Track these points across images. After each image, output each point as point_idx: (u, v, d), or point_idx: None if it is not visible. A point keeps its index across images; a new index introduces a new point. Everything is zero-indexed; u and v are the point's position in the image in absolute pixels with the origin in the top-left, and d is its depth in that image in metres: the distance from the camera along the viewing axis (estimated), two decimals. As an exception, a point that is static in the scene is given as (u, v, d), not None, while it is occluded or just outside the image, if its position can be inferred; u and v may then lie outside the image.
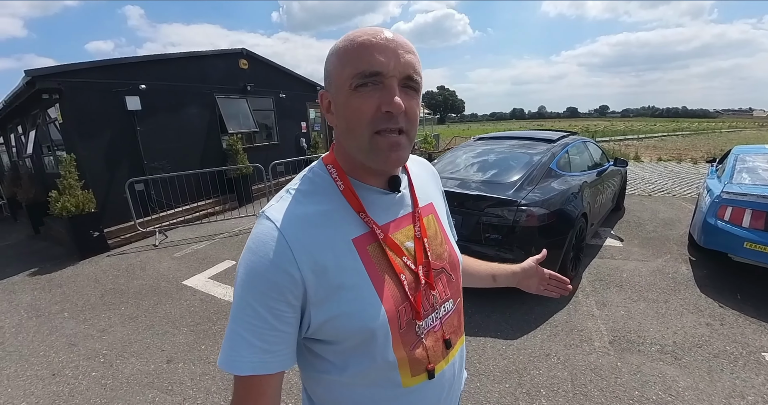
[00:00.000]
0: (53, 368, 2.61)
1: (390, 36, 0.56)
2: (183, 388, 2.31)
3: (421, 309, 0.64)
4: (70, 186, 4.86)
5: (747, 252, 3.07)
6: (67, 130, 5.54)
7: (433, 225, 0.74)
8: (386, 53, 0.55)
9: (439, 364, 0.67)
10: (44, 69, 5.18)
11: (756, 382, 2.13)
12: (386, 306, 0.60)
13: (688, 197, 6.57)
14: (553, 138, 3.97)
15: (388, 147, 0.57)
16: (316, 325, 0.58)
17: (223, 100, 7.82)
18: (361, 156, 0.60)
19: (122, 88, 5.90)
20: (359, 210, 0.63)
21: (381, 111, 0.55)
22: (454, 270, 0.75)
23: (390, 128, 0.56)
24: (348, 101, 0.56)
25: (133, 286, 3.94)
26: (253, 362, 0.55)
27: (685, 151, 14.62)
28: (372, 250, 0.61)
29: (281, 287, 0.54)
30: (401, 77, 0.56)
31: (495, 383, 2.21)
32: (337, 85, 0.58)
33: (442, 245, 0.74)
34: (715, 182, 3.80)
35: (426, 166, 0.84)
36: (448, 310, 0.71)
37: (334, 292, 0.57)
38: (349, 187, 0.63)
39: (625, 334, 2.64)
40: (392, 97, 0.54)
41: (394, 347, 0.61)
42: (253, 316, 0.55)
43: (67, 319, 3.31)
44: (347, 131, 0.59)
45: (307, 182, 0.65)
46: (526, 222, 2.83)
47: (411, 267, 0.65)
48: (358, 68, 0.54)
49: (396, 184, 0.67)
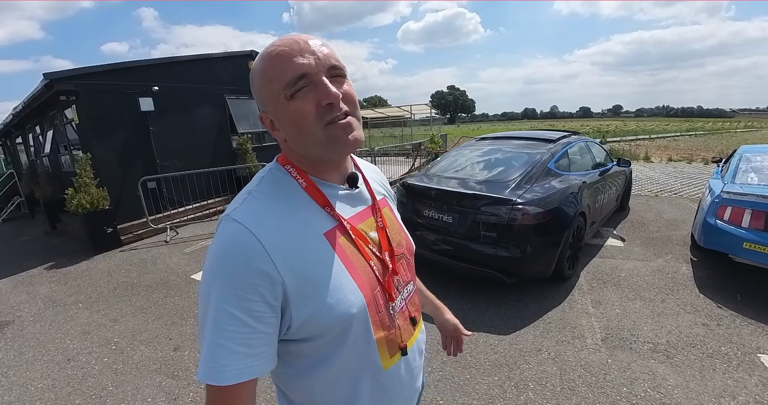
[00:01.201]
0: (68, 354, 2.77)
1: (299, 39, 0.59)
2: (188, 374, 2.44)
3: (393, 291, 0.70)
4: (86, 184, 5.05)
5: (747, 252, 3.06)
6: (83, 130, 5.75)
7: (390, 216, 0.81)
8: (304, 55, 0.57)
9: (409, 341, 0.74)
10: (62, 72, 5.39)
11: (749, 383, 2.13)
12: (363, 292, 0.64)
13: (695, 198, 6.48)
14: (554, 138, 4.00)
15: (343, 130, 0.60)
16: (298, 323, 0.58)
17: (233, 100, 7.99)
18: (320, 151, 0.62)
19: (136, 90, 6.11)
20: (325, 204, 0.65)
21: (322, 106, 0.58)
22: (411, 255, 0.82)
23: (337, 116, 0.59)
24: (289, 110, 0.58)
25: (144, 279, 4.10)
26: (237, 369, 0.54)
27: (696, 152, 14.35)
28: (343, 241, 0.65)
29: (260, 289, 0.54)
30: (326, 70, 0.59)
31: (484, 376, 2.27)
32: (272, 103, 0.60)
33: (399, 233, 0.80)
34: (718, 182, 3.77)
35: (374, 169, 0.90)
36: (410, 292, 0.78)
37: (314, 287, 0.58)
38: (312, 184, 0.66)
39: (619, 332, 2.66)
40: (327, 89, 0.58)
41: (374, 329, 0.65)
42: (233, 322, 0.54)
43: (82, 310, 3.48)
44: (299, 136, 0.61)
45: (267, 183, 0.66)
46: (522, 220, 2.88)
47: (377, 255, 0.70)
48: (285, 78, 0.57)
49: (354, 179, 0.72)
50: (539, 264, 3.10)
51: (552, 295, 3.21)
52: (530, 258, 2.97)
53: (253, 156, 7.70)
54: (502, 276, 3.00)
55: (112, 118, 5.85)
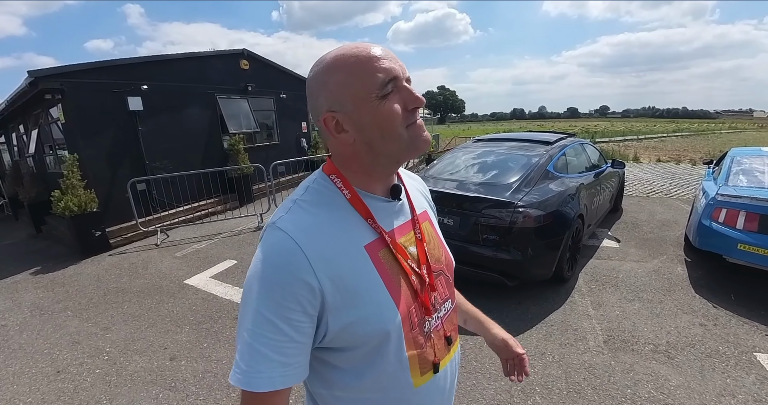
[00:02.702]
0: (57, 365, 2.66)
1: (382, 46, 0.62)
2: (186, 385, 2.36)
3: (430, 308, 0.69)
4: (73, 185, 4.91)
5: (741, 253, 3.11)
6: (69, 129, 5.59)
7: (429, 231, 0.78)
8: (391, 60, 0.60)
9: (443, 361, 0.72)
10: (47, 69, 5.23)
11: (747, 382, 2.17)
12: (400, 308, 0.63)
13: (685, 198, 6.61)
14: (550, 140, 4.01)
15: (421, 131, 0.63)
16: (334, 333, 0.59)
17: (224, 100, 7.87)
18: (401, 152, 0.63)
19: (124, 89, 5.95)
20: (367, 216, 0.65)
21: (407, 109, 0.61)
22: (450, 272, 0.80)
23: (416, 119, 0.63)
24: (379, 110, 0.59)
25: (136, 285, 3.99)
26: (272, 377, 0.54)
27: (684, 152, 14.66)
28: (383, 255, 0.64)
29: (300, 297, 0.55)
30: (405, 78, 0.62)
31: (491, 381, 2.26)
32: (357, 101, 0.59)
33: (439, 249, 0.78)
34: (711, 184, 3.84)
35: (417, 180, 0.88)
36: (448, 310, 0.76)
37: (351, 298, 0.59)
38: (356, 195, 0.65)
39: (620, 333, 2.68)
40: (415, 95, 0.61)
41: (406, 347, 0.64)
42: (271, 330, 0.54)
43: (71, 318, 3.36)
44: (382, 137, 0.61)
45: (312, 192, 0.66)
46: (523, 223, 2.87)
47: (416, 269, 0.69)
48: (380, 78, 0.58)
49: (397, 191, 0.71)
50: (540, 266, 3.10)
51: (552, 297, 3.21)
52: (531, 260, 2.97)
53: (245, 156, 7.59)
54: (503, 279, 2.99)
55: (99, 118, 5.69)
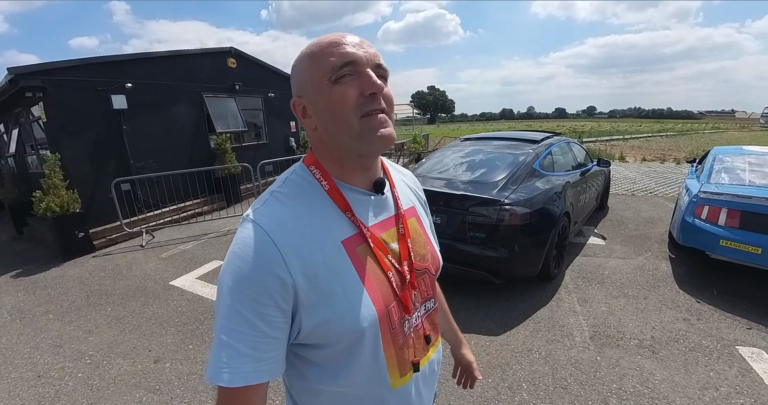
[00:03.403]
0: (38, 370, 2.58)
1: (352, 34, 0.60)
2: (171, 388, 2.32)
3: (410, 306, 0.67)
4: (55, 186, 4.78)
5: (723, 249, 3.18)
6: (52, 128, 5.45)
7: (416, 228, 0.76)
8: (355, 46, 0.59)
9: (422, 360, 0.70)
10: (28, 67, 5.09)
11: (729, 375, 2.22)
12: (377, 306, 0.61)
13: (670, 196, 6.74)
14: (537, 139, 4.05)
15: (378, 125, 0.59)
16: (308, 329, 0.57)
17: (212, 99, 7.75)
18: (352, 142, 0.60)
19: (108, 87, 5.82)
20: (346, 209, 0.63)
21: (364, 95, 0.58)
22: (435, 271, 0.78)
23: (375, 109, 0.58)
24: (330, 94, 0.57)
25: (120, 287, 3.90)
26: (245, 373, 0.53)
27: (668, 152, 14.95)
28: (361, 251, 0.62)
29: (272, 292, 0.54)
30: (372, 65, 0.59)
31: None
32: (314, 85, 0.59)
33: (425, 247, 0.75)
34: (694, 182, 3.92)
35: (408, 175, 0.86)
36: (429, 309, 0.74)
37: (325, 296, 0.57)
38: (335, 187, 0.64)
39: (606, 329, 2.72)
40: (372, 79, 0.58)
41: (384, 346, 0.63)
42: (243, 324, 0.53)
43: (52, 321, 3.27)
44: (333, 123, 0.59)
45: (290, 184, 0.65)
46: (510, 221, 2.89)
47: (397, 267, 0.66)
48: (334, 62, 0.57)
49: (380, 185, 0.68)
50: (527, 264, 3.13)
51: (539, 294, 3.24)
52: (518, 258, 2.99)
53: (232, 156, 7.49)
54: (490, 276, 3.01)
55: (82, 116, 5.55)
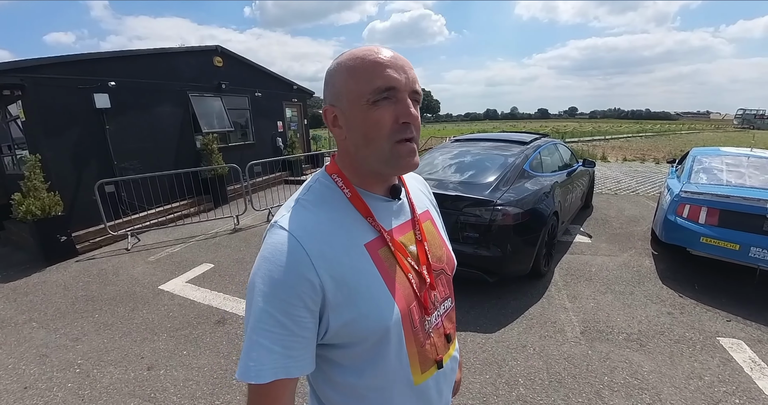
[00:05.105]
0: (25, 381, 2.49)
1: (396, 54, 0.61)
2: (167, 395, 2.28)
3: (429, 305, 0.70)
4: (35, 188, 4.60)
5: (703, 246, 3.33)
6: (31, 128, 5.24)
7: (431, 230, 0.79)
8: (398, 70, 0.59)
9: (444, 357, 0.74)
10: (5, 64, 4.88)
11: (712, 365, 2.34)
12: (399, 305, 0.64)
13: (651, 195, 6.98)
14: (526, 140, 4.14)
15: (407, 154, 0.62)
16: (334, 330, 0.60)
17: (197, 98, 7.61)
18: (379, 165, 0.63)
19: (90, 85, 5.65)
20: (367, 215, 0.66)
21: (398, 122, 0.60)
22: (451, 271, 0.81)
23: (407, 137, 0.61)
24: (366, 115, 0.59)
25: (107, 292, 3.80)
26: (274, 368, 0.56)
27: (648, 152, 15.45)
28: (383, 253, 0.65)
29: (301, 294, 0.56)
30: (410, 91, 0.61)
31: (476, 374, 2.31)
32: (350, 100, 0.60)
33: (440, 248, 0.79)
34: (675, 182, 4.08)
35: (419, 179, 0.89)
36: (447, 308, 0.77)
37: (351, 296, 0.60)
38: (356, 194, 0.67)
39: (595, 324, 2.81)
40: (409, 109, 0.60)
41: (407, 344, 0.65)
42: (273, 324, 0.56)
43: (36, 329, 3.16)
44: (366, 144, 0.62)
45: (314, 192, 0.68)
46: (502, 221, 2.96)
47: (416, 268, 0.70)
48: (375, 84, 0.58)
49: (396, 191, 0.72)
50: (519, 262, 3.20)
51: (530, 291, 3.32)
52: (510, 257, 3.06)
53: (219, 157, 7.37)
54: (484, 275, 3.06)
55: (63, 116, 5.36)
